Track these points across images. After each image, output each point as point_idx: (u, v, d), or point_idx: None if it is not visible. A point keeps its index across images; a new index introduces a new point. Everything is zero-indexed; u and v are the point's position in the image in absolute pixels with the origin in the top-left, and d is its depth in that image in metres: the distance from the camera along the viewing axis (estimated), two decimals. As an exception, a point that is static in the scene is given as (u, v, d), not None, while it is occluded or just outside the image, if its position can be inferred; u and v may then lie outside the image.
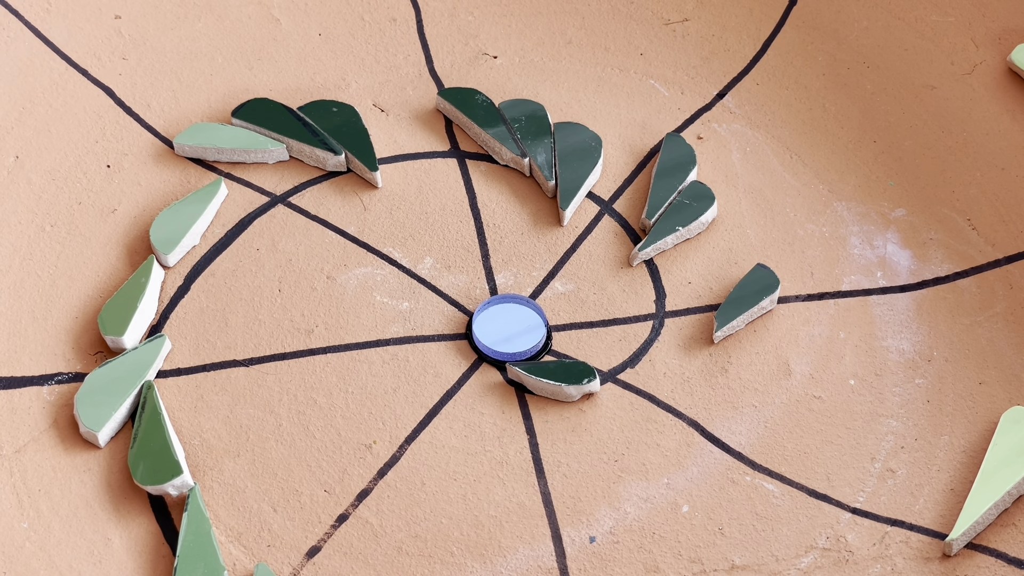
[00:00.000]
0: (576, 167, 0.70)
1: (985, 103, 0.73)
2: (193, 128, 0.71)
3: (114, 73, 0.73)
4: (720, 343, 0.65)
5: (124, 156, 0.71)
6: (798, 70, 0.75)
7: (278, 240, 0.68)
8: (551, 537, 0.60)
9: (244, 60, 0.75)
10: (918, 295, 0.67)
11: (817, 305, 0.67)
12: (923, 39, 0.75)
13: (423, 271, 0.67)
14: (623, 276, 0.67)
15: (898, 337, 0.65)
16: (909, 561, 0.59)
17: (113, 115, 0.72)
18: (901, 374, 0.64)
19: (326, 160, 0.70)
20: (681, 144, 0.71)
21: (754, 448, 0.62)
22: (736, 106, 0.73)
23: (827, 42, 0.76)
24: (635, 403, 0.63)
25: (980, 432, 0.62)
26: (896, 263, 0.68)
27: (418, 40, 0.76)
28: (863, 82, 0.74)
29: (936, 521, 0.60)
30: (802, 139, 0.72)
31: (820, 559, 0.59)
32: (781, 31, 0.76)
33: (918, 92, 0.73)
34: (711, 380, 0.64)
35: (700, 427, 0.63)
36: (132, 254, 0.68)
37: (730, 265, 0.68)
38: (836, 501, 0.61)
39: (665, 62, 0.75)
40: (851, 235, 0.69)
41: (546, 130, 0.71)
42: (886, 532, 0.60)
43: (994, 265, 0.67)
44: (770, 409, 0.63)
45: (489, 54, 0.75)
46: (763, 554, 0.59)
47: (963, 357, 0.65)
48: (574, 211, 0.69)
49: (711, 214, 0.68)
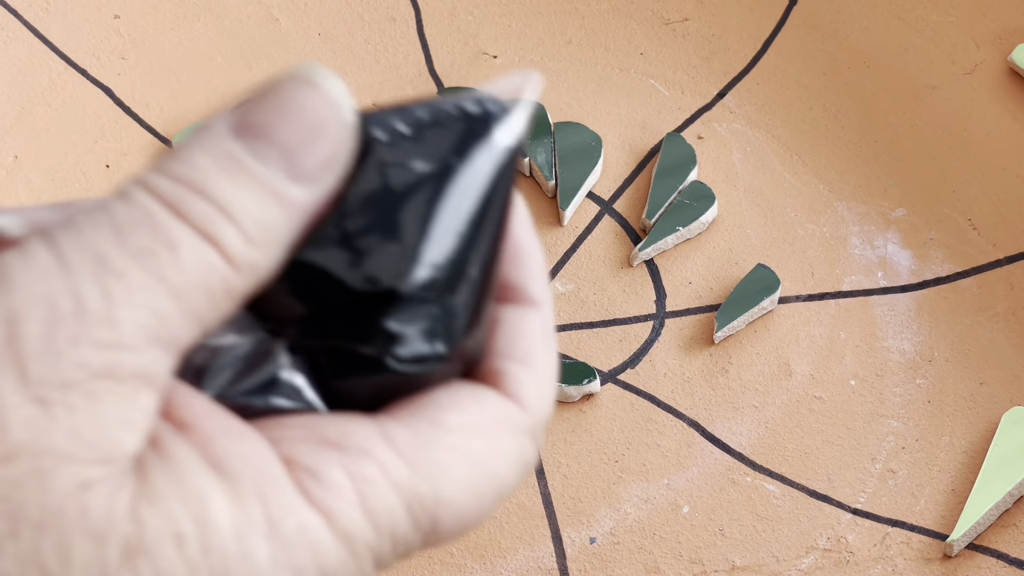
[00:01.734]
0: (576, 167, 0.70)
1: (986, 103, 0.73)
2: (192, 128, 0.71)
3: (113, 73, 0.73)
4: (720, 343, 0.65)
5: (123, 156, 0.71)
6: (798, 70, 0.75)
7: (277, 240, 0.68)
8: (551, 538, 0.60)
9: (243, 60, 0.74)
10: (919, 295, 0.67)
11: (818, 305, 0.66)
12: (924, 39, 0.75)
13: (423, 271, 0.67)
14: (623, 276, 0.67)
15: (899, 337, 0.65)
16: (910, 562, 0.59)
17: (112, 115, 0.72)
18: (902, 374, 0.64)
19: (325, 160, 0.70)
20: (681, 144, 0.71)
21: (754, 449, 0.62)
22: (736, 106, 0.73)
23: (827, 42, 0.75)
24: (635, 404, 0.63)
25: (981, 432, 0.62)
26: (897, 263, 0.68)
27: (418, 40, 0.76)
28: (863, 82, 0.74)
29: (937, 522, 0.60)
30: (802, 139, 0.72)
31: (821, 560, 0.59)
32: (781, 31, 0.76)
33: (919, 92, 0.73)
34: (711, 380, 0.64)
35: (700, 427, 0.63)
36: (131, 254, 0.67)
37: (730, 265, 0.67)
38: (837, 502, 0.61)
39: (665, 62, 0.75)
40: (851, 235, 0.69)
41: (546, 130, 0.71)
42: (887, 533, 0.60)
43: (995, 265, 0.67)
44: (771, 410, 0.63)
45: (489, 54, 0.75)
46: (764, 555, 0.59)
47: (964, 357, 0.65)
48: (574, 211, 0.69)
49: (711, 214, 0.68)
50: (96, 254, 0.24)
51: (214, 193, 0.25)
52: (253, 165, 0.26)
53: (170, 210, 0.25)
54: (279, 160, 0.26)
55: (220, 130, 0.26)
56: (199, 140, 0.26)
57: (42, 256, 0.25)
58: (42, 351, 0.24)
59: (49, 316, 0.24)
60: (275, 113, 0.26)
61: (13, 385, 0.24)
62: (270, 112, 0.26)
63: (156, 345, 0.25)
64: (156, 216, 0.25)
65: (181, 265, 0.25)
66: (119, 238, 0.25)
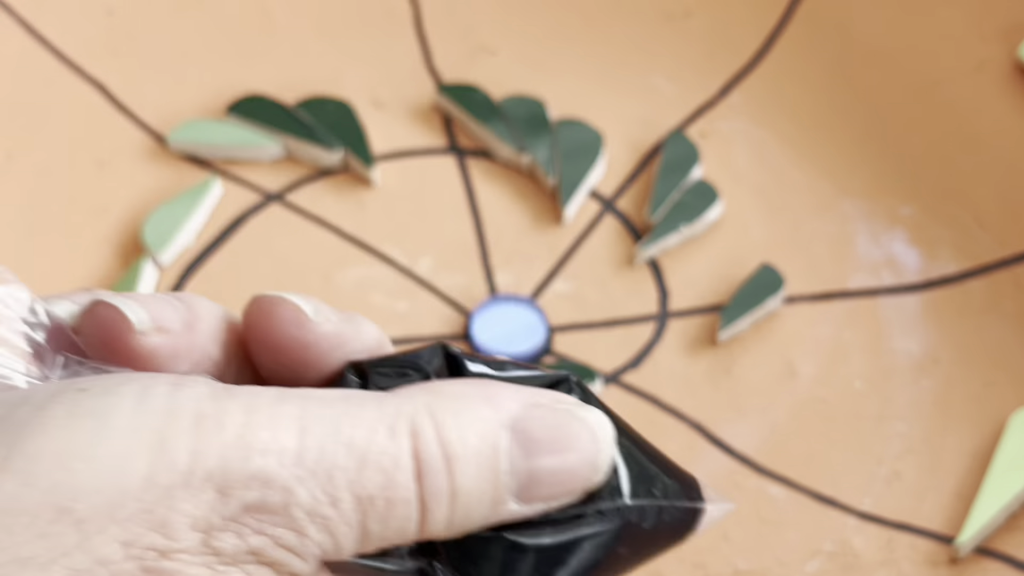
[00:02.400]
0: (577, 164, 0.70)
1: (994, 99, 0.73)
2: (187, 125, 0.71)
3: (106, 69, 0.73)
4: (724, 344, 0.65)
5: (117, 153, 0.70)
6: (803, 66, 0.75)
7: (273, 239, 0.68)
8: (552, 542, 0.59)
9: (239, 55, 0.74)
10: (926, 295, 0.67)
11: (823, 305, 0.66)
12: (930, 34, 0.75)
13: (421, 271, 0.67)
14: (625, 275, 0.67)
15: (905, 338, 0.65)
16: (916, 566, 0.59)
17: (106, 111, 0.72)
18: (908, 375, 0.64)
19: (322, 157, 0.70)
20: (684, 141, 0.71)
21: (759, 451, 0.62)
22: (740, 102, 0.73)
23: (832, 37, 0.75)
24: (638, 405, 0.63)
25: (988, 434, 0.62)
26: (903, 262, 0.68)
27: (416, 35, 0.76)
28: (869, 78, 0.74)
29: (944, 525, 0.60)
30: (807, 136, 0.72)
31: (826, 564, 0.59)
32: (786, 26, 0.76)
33: (925, 88, 0.73)
34: (715, 382, 0.64)
35: (704, 430, 0.62)
36: (125, 253, 0.67)
37: (735, 264, 0.67)
38: (842, 505, 0.60)
39: (668, 58, 0.75)
40: (858, 233, 0.69)
41: (546, 127, 0.71)
42: (892, 536, 0.60)
43: (1003, 264, 0.67)
44: (775, 411, 0.63)
45: (488, 49, 0.75)
46: (768, 559, 0.59)
47: (971, 358, 0.65)
48: (575, 209, 0.69)
49: (715, 212, 0.68)
50: (347, 480, 0.27)
51: (458, 482, 0.27)
52: (506, 495, 0.28)
53: (413, 471, 0.27)
54: (518, 482, 0.28)
55: (504, 421, 0.28)
56: (479, 416, 0.28)
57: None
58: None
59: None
60: (553, 441, 0.29)
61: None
62: (550, 437, 0.28)
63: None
64: (396, 474, 0.27)
65: (388, 520, 0.27)
66: (359, 473, 0.27)
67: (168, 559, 0.26)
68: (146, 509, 0.26)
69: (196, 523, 0.26)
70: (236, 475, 0.26)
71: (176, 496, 0.26)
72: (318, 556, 0.27)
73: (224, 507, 0.26)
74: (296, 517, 0.27)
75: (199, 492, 0.26)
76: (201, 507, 0.26)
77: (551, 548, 0.30)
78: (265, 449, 0.26)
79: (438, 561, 0.29)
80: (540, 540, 0.29)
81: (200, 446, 0.26)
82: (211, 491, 0.26)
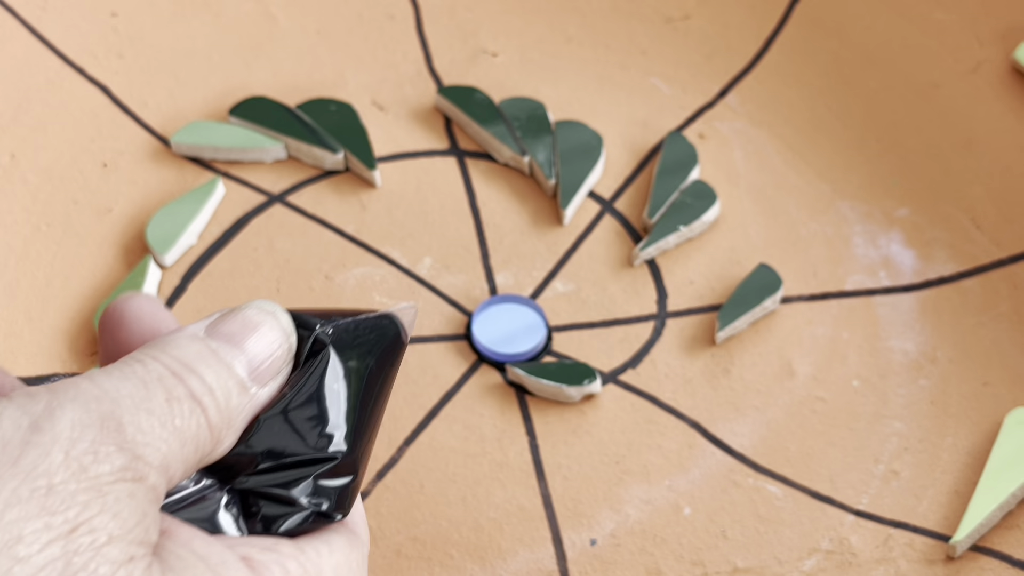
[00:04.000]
0: (577, 166, 0.69)
1: (990, 101, 0.73)
2: (190, 127, 0.71)
3: (110, 71, 0.73)
4: (722, 344, 0.65)
5: (120, 155, 0.70)
6: (801, 68, 0.74)
7: (276, 239, 0.68)
8: (552, 540, 0.59)
9: (241, 58, 0.74)
10: (922, 295, 0.67)
11: (820, 305, 0.66)
12: (927, 36, 0.75)
13: (422, 271, 0.67)
14: (624, 276, 0.67)
15: (902, 338, 0.65)
16: (913, 564, 0.59)
17: (109, 113, 0.72)
18: (905, 375, 0.64)
19: (324, 159, 0.70)
20: (683, 143, 0.70)
21: (756, 450, 0.62)
22: (738, 104, 0.73)
23: (830, 40, 0.75)
24: (636, 404, 0.63)
25: (984, 433, 0.62)
26: (900, 263, 0.68)
27: (417, 37, 0.76)
28: (866, 80, 0.74)
29: (940, 523, 0.60)
30: (805, 137, 0.72)
31: (823, 562, 0.59)
32: (784, 29, 0.76)
33: (922, 90, 0.73)
34: (713, 381, 0.64)
35: (702, 428, 0.62)
36: (128, 254, 0.67)
37: (732, 265, 0.67)
38: (839, 503, 0.60)
39: (667, 60, 0.75)
40: (854, 234, 0.68)
41: (546, 128, 0.71)
42: (889, 534, 0.60)
43: (999, 265, 0.67)
44: (773, 411, 0.63)
45: (489, 52, 0.75)
46: (766, 557, 0.59)
47: (967, 358, 0.64)
48: (575, 210, 0.69)
49: (713, 213, 0.68)
50: (130, 397, 0.32)
51: (202, 373, 0.34)
52: (228, 360, 0.35)
53: (176, 378, 0.33)
54: (245, 364, 0.35)
55: (199, 332, 0.35)
56: (184, 335, 0.35)
57: (92, 390, 0.32)
58: (95, 451, 0.31)
59: (106, 426, 0.32)
60: (243, 329, 0.35)
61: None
62: (239, 327, 0.36)
63: (164, 473, 0.33)
64: (167, 380, 0.33)
65: (184, 420, 0.33)
66: (145, 391, 0.33)
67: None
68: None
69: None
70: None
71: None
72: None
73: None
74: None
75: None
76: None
77: (301, 403, 0.36)
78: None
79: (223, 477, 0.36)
80: (280, 409, 0.36)
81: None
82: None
